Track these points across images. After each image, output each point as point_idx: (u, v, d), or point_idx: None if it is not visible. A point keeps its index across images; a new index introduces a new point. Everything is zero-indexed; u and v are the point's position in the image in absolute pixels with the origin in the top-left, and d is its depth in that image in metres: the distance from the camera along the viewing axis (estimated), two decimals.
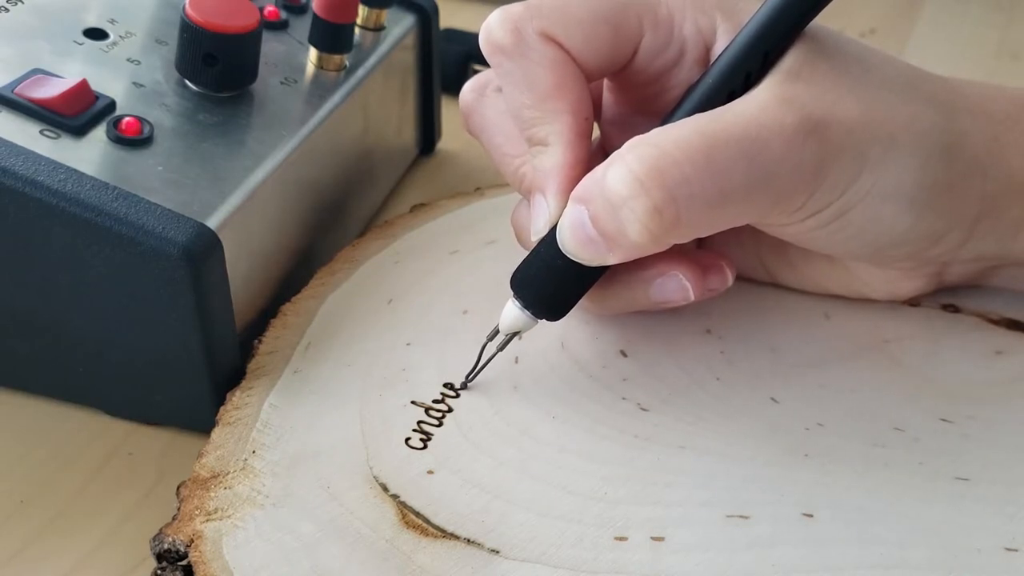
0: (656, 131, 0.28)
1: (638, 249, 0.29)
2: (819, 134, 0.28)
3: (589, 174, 0.29)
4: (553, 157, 0.31)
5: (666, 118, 0.30)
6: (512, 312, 0.31)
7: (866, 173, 0.29)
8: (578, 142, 0.31)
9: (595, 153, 0.36)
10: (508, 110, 0.32)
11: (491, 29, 0.31)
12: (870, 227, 0.30)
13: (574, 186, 0.30)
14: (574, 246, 0.29)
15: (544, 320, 0.32)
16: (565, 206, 0.30)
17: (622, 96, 0.34)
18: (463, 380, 0.32)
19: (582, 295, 0.32)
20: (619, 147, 0.34)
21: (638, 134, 0.29)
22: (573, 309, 0.32)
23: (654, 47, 0.31)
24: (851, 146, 0.29)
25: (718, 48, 0.31)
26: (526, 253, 0.32)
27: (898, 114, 0.30)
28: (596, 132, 0.35)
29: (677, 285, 0.32)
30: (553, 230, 0.30)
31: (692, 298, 0.32)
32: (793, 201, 0.29)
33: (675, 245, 0.29)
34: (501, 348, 0.32)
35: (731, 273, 0.33)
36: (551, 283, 0.31)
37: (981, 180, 0.31)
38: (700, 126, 0.28)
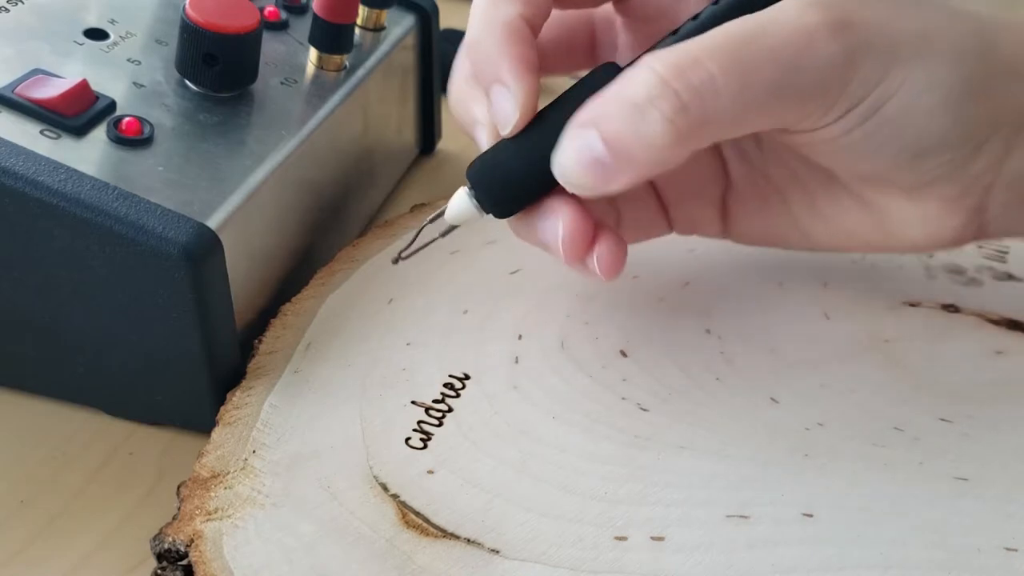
0: (680, 43, 0.28)
1: (657, 157, 0.28)
2: (846, 31, 0.28)
3: (596, 99, 0.28)
4: (494, 43, 0.30)
5: (678, 32, 0.30)
6: (461, 200, 0.31)
7: (897, 67, 0.29)
8: (521, 33, 0.30)
9: None
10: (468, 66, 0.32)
11: None
12: (906, 126, 0.30)
13: (529, 67, 0.30)
14: (577, 171, 0.28)
15: (490, 215, 0.31)
16: (529, 84, 0.30)
17: (633, 32, 0.34)
18: (396, 256, 0.32)
19: (534, 199, 0.31)
20: None
21: None
22: (573, 306, 0.32)
23: None
24: (880, 42, 0.28)
25: None
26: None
27: (928, 19, 0.29)
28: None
29: (551, 227, 0.30)
30: (525, 129, 0.30)
31: (560, 250, 0.30)
32: (824, 98, 0.29)
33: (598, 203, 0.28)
34: (443, 235, 0.32)
35: (616, 256, 0.31)
36: (509, 181, 0.30)
37: (1019, 87, 0.31)
38: (725, 29, 0.28)
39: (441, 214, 0.31)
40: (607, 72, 0.29)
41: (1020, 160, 0.31)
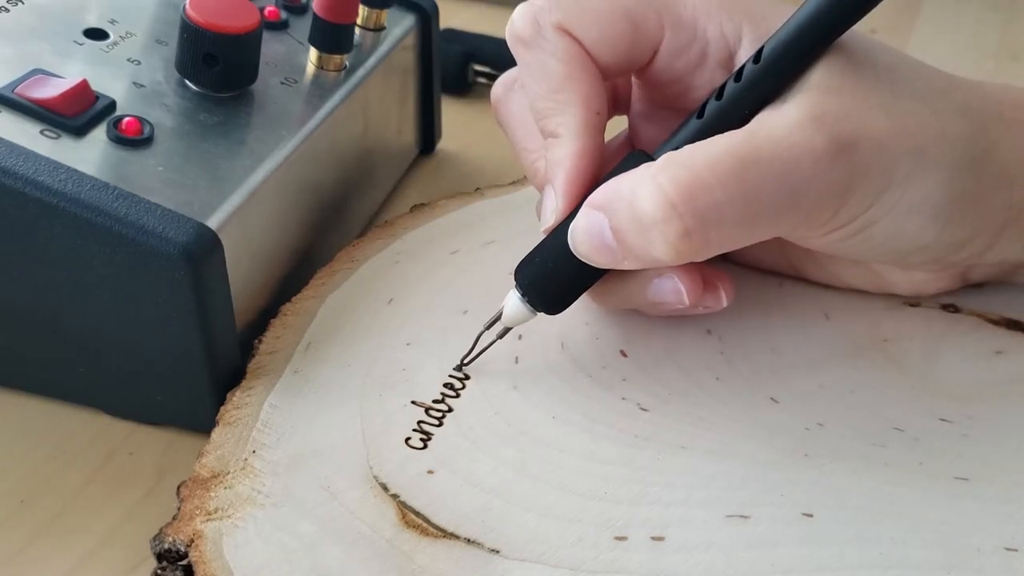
0: (688, 149, 0.28)
1: (657, 264, 0.29)
2: (848, 153, 0.28)
3: (612, 182, 0.29)
4: (562, 148, 0.31)
5: (685, 127, 0.30)
6: (513, 303, 0.32)
7: (893, 188, 0.29)
8: (586, 134, 0.31)
9: (622, 144, 0.36)
10: (527, 102, 0.33)
11: (514, 20, 0.32)
12: (895, 238, 0.30)
13: (581, 178, 0.31)
14: (588, 250, 0.30)
15: (543, 313, 0.32)
16: (571, 198, 0.31)
17: (649, 92, 0.35)
18: (459, 363, 0.33)
19: (583, 292, 0.32)
20: (646, 140, 0.34)
21: (666, 128, 0.30)
22: (573, 307, 0.32)
23: (675, 47, 0.32)
24: (879, 163, 0.29)
25: (742, 55, 0.31)
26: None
27: (927, 127, 0.29)
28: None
29: (672, 287, 0.32)
30: (561, 225, 0.31)
31: (686, 303, 0.32)
32: (820, 217, 0.29)
33: None
34: (500, 337, 0.33)
35: (727, 296, 0.33)
36: (553, 277, 0.31)
37: (1008, 190, 0.31)
38: (732, 147, 0.28)
39: (497, 318, 0.32)
40: (636, 162, 0.30)
41: (1002, 249, 0.33)
